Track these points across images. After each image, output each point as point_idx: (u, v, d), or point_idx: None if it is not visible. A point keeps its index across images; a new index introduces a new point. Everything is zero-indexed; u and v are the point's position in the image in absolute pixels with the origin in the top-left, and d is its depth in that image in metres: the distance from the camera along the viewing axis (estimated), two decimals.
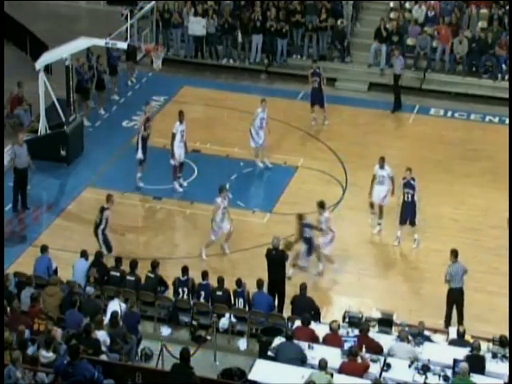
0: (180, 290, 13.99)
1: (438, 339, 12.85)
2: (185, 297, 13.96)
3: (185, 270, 14.06)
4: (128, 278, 14.05)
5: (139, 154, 17.73)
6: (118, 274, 14.12)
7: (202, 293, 13.89)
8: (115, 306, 13.06)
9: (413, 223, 16.05)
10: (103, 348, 11.92)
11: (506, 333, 12.83)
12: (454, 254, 14.21)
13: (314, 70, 20.28)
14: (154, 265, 14.17)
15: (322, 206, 15.38)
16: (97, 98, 21.13)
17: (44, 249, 14.43)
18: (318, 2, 23.32)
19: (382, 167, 16.41)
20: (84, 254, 14.42)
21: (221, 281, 13.90)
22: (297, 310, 13.43)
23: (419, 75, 22.78)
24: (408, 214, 15.98)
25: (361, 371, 11.51)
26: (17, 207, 17.11)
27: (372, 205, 16.71)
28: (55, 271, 14.46)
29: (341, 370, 11.61)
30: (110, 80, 21.65)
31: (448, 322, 14.32)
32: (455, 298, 14.23)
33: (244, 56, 23.68)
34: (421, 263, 15.39)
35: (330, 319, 12.91)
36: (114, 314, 12.50)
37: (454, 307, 14.21)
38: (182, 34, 23.71)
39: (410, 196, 15.93)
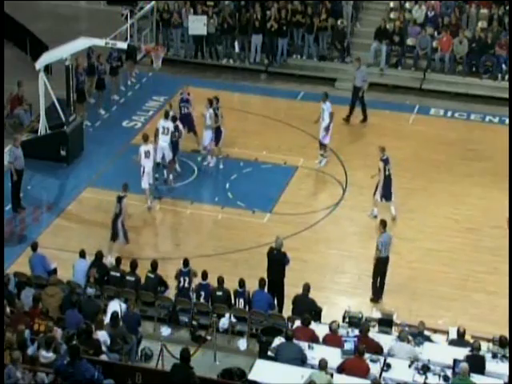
0: (181, 278, 14.00)
1: (437, 339, 12.84)
2: (186, 285, 13.96)
3: (186, 262, 14.13)
4: (128, 278, 14.06)
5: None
6: (118, 275, 14.12)
7: (202, 293, 13.89)
8: (115, 306, 13.02)
9: (390, 198, 16.86)
10: (103, 348, 11.91)
11: (506, 333, 12.83)
12: (383, 224, 14.74)
13: (182, 96, 18.75)
14: (154, 265, 14.18)
15: (210, 101, 17.88)
16: (97, 97, 21.11)
17: (35, 246, 14.41)
18: (318, 3, 23.32)
19: (324, 102, 18.25)
20: (83, 254, 14.42)
21: (221, 281, 13.91)
22: (297, 310, 13.40)
23: (419, 75, 22.79)
24: (389, 189, 16.74)
25: (365, 371, 11.47)
26: (16, 208, 17.11)
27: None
28: (55, 271, 14.43)
29: (344, 367, 11.54)
30: (111, 80, 21.59)
31: (376, 294, 14.65)
32: (382, 266, 14.62)
33: (244, 56, 23.67)
34: (420, 263, 15.40)
35: (330, 319, 12.85)
36: (115, 315, 12.49)
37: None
38: (182, 34, 23.68)
39: (390, 172, 16.77)
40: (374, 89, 21.75)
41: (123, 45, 18.59)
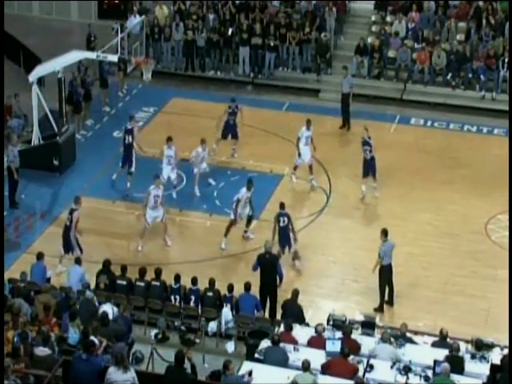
0: (172, 297, 14.33)
1: (420, 341, 13.05)
2: (176, 304, 14.27)
3: (177, 278, 14.38)
4: (138, 283, 14.32)
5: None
6: (124, 283, 14.32)
7: (192, 297, 14.21)
8: (108, 309, 13.11)
9: (374, 176, 18.22)
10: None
11: (486, 334, 13.15)
12: (384, 233, 15.01)
13: (232, 108, 19.40)
14: (158, 272, 14.37)
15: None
16: (85, 109, 21.35)
17: (40, 256, 14.70)
18: (303, 16, 23.85)
19: (308, 129, 18.46)
20: (78, 261, 14.63)
21: (212, 282, 14.25)
22: (286, 315, 13.69)
23: (400, 86, 23.25)
24: (369, 168, 18.11)
25: (351, 372, 11.57)
26: (15, 204, 17.52)
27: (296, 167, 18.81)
28: (48, 280, 14.65)
29: (329, 365, 11.69)
30: (101, 92, 21.89)
31: (382, 303, 14.82)
32: (387, 274, 14.90)
33: (230, 68, 24.01)
34: (401, 267, 15.70)
35: (315, 322, 13.10)
36: (104, 315, 12.65)
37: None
38: (172, 47, 24.05)
39: (368, 153, 18.10)
40: (356, 99, 22.25)
41: (114, 57, 18.86)
